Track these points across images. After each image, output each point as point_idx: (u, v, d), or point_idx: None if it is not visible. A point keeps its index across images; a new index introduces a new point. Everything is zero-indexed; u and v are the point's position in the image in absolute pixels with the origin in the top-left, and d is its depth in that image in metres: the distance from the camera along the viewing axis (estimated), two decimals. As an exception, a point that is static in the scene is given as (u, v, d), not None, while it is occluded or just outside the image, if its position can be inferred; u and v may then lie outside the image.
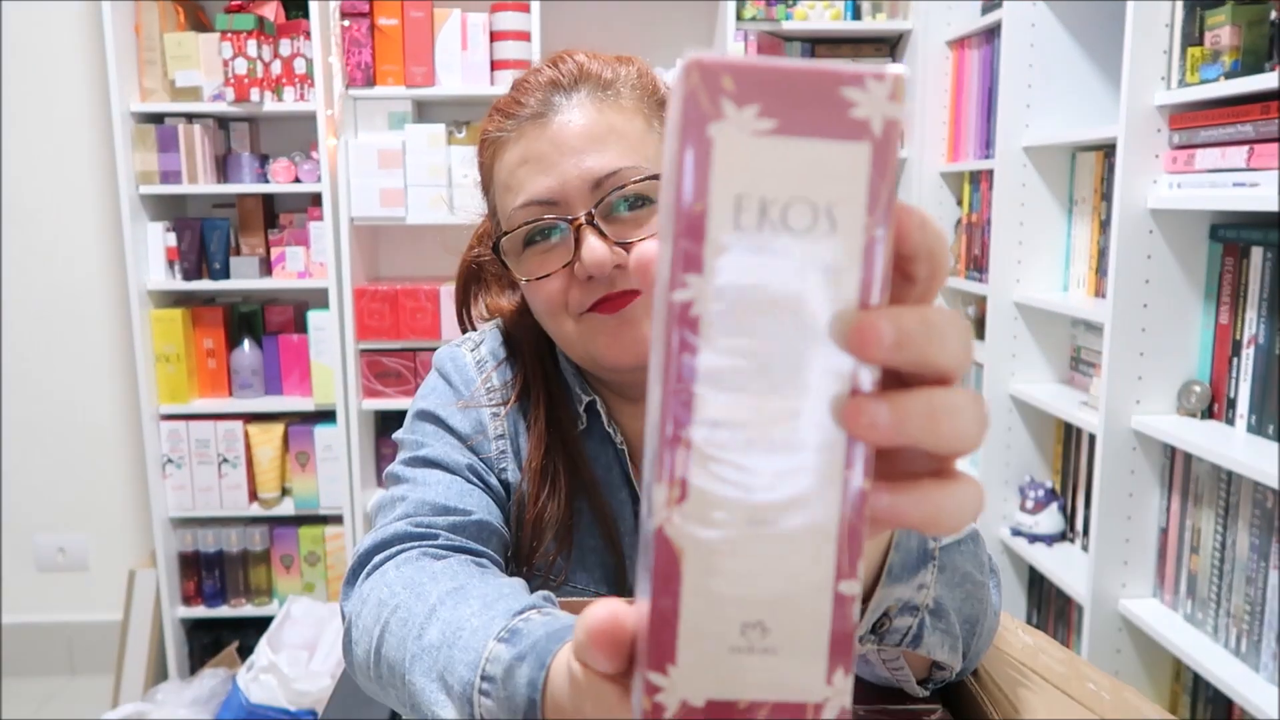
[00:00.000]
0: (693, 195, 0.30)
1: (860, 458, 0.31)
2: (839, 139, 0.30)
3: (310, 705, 2.03)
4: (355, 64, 2.22)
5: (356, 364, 2.29)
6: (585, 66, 0.77)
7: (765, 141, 0.30)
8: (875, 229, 0.31)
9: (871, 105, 0.30)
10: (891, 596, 0.53)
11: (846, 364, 0.31)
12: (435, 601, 0.62)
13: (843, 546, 0.32)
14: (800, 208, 0.31)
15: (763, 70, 0.30)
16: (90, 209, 2.44)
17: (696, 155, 0.30)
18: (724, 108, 0.30)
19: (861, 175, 0.30)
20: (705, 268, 0.31)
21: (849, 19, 2.39)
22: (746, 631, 0.32)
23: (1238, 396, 1.52)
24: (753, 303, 0.31)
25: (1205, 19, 1.49)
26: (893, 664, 0.59)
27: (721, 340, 0.31)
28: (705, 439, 0.31)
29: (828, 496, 0.31)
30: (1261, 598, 1.44)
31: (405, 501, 0.76)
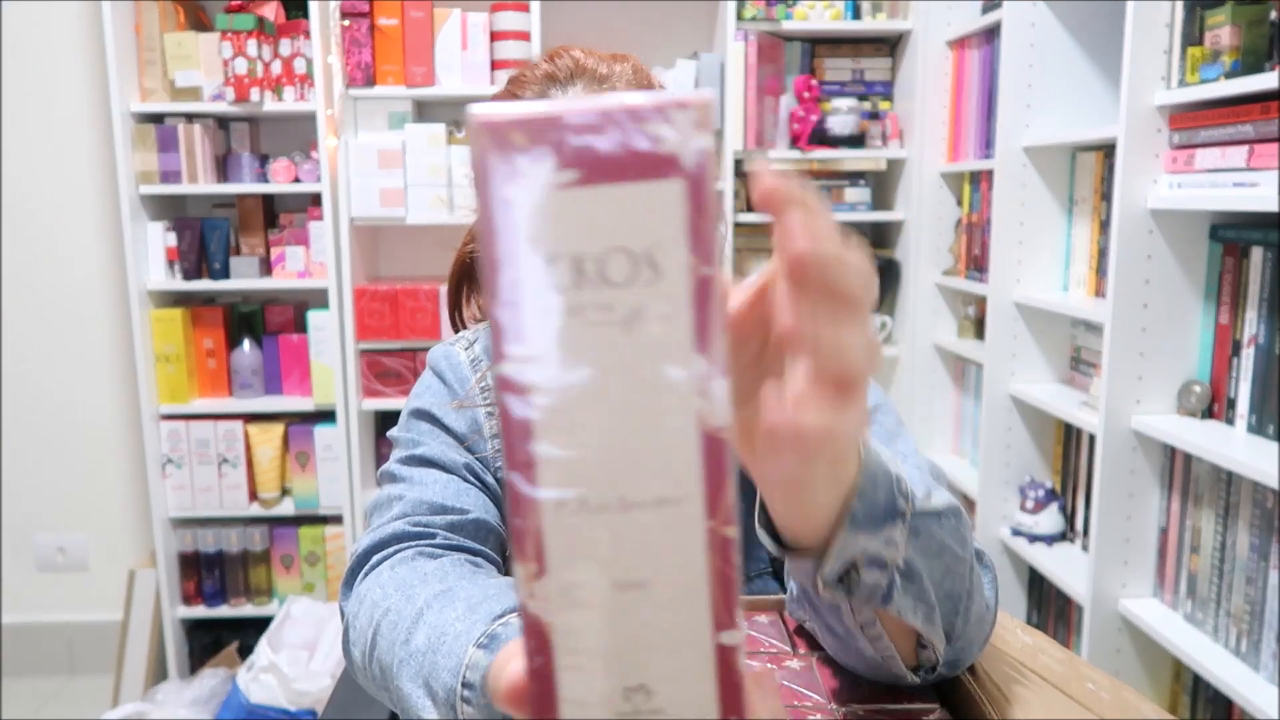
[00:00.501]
0: (503, 261, 0.29)
1: (722, 505, 0.30)
2: (648, 179, 0.28)
3: (310, 705, 2.03)
4: (355, 64, 2.22)
5: (356, 364, 2.29)
6: (581, 62, 0.78)
7: (569, 194, 0.28)
8: (701, 268, 0.29)
9: (679, 138, 0.28)
10: (856, 545, 0.49)
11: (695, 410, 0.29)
12: (423, 605, 0.63)
13: (716, 598, 0.31)
14: (618, 258, 0.29)
15: (553, 119, 0.28)
16: (90, 209, 2.44)
17: (499, 219, 0.28)
18: (519, 165, 0.28)
19: (678, 214, 0.28)
20: (527, 336, 0.29)
21: (849, 19, 2.39)
22: (630, 696, 0.31)
23: (1238, 396, 1.52)
24: (584, 365, 0.29)
25: (1205, 19, 1.49)
26: (871, 631, 0.57)
27: (556, 408, 0.29)
28: (555, 511, 0.30)
29: (692, 550, 0.30)
30: (1261, 598, 1.44)
31: (403, 500, 0.76)
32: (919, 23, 2.38)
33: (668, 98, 0.28)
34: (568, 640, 0.31)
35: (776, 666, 0.64)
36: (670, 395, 0.29)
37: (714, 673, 0.31)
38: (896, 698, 0.61)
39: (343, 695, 0.99)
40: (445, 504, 0.74)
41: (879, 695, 0.62)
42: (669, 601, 0.30)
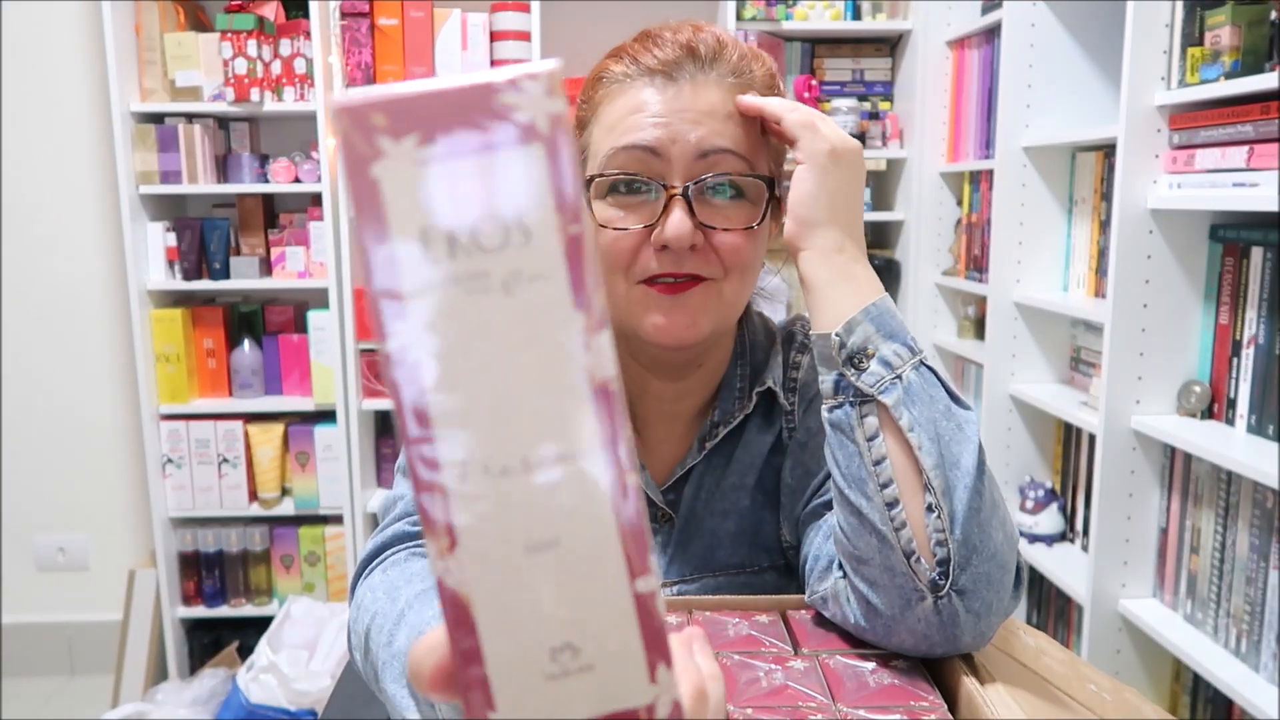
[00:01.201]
0: (376, 241, 0.29)
1: (621, 456, 0.31)
2: (508, 148, 0.29)
3: (310, 705, 2.03)
4: (355, 64, 2.22)
5: (356, 364, 2.29)
6: (725, 47, 0.75)
7: (434, 169, 0.29)
8: (570, 226, 0.30)
9: (532, 105, 0.29)
10: (867, 333, 0.66)
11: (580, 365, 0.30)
12: (404, 605, 0.63)
13: (628, 546, 0.31)
14: (488, 226, 0.30)
15: (412, 98, 0.29)
16: (90, 209, 2.44)
17: (368, 200, 0.29)
18: (381, 145, 0.29)
19: (541, 177, 0.30)
20: (409, 312, 0.30)
21: (849, 19, 2.39)
22: (557, 656, 0.31)
23: (1238, 396, 1.52)
24: (468, 334, 0.30)
25: (1205, 19, 1.49)
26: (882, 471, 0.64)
27: (446, 379, 0.30)
28: (458, 481, 0.30)
29: (598, 502, 0.31)
30: (1261, 598, 1.44)
31: (404, 500, 0.77)
32: (919, 23, 2.38)
33: (518, 70, 0.29)
34: (488, 609, 0.31)
35: (779, 666, 0.64)
36: (557, 353, 0.30)
37: (635, 620, 0.32)
38: (899, 698, 0.61)
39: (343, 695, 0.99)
40: None
41: (882, 695, 0.62)
42: (582, 557, 0.31)
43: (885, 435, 0.64)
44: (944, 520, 0.62)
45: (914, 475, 0.64)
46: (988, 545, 0.64)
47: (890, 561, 0.63)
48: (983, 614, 0.64)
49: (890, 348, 0.66)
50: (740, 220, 0.73)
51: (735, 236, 0.73)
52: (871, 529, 0.64)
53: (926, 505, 0.63)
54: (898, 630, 0.65)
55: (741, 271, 0.75)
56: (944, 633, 0.64)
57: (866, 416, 0.65)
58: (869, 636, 0.67)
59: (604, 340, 0.30)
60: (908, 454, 0.64)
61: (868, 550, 0.65)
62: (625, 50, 0.76)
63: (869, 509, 0.64)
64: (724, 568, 0.82)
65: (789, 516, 0.81)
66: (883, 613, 0.65)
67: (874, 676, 0.64)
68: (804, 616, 0.73)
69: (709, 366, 0.83)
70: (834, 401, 0.67)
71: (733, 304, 0.76)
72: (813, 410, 0.82)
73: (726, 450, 0.83)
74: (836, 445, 0.67)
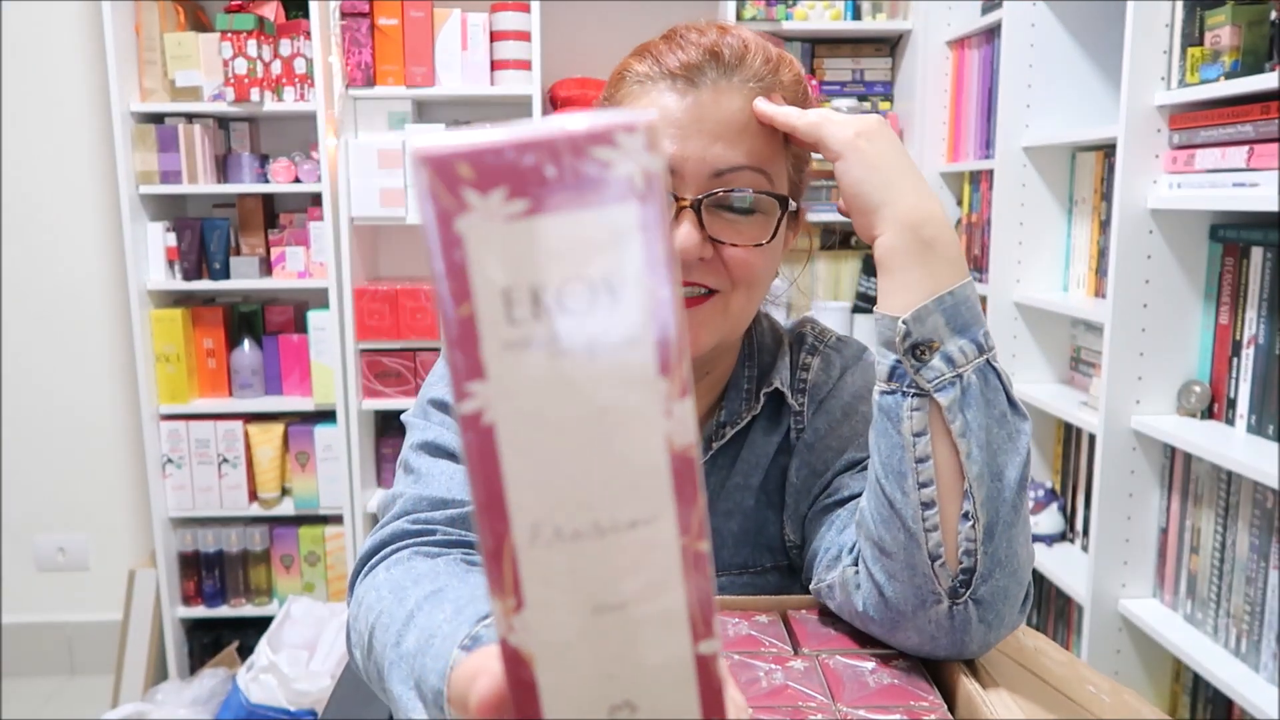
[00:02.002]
0: (457, 299, 0.28)
1: (694, 521, 0.30)
2: (600, 205, 0.28)
3: (310, 705, 2.03)
4: (355, 64, 2.22)
5: (356, 364, 2.29)
6: (750, 51, 0.74)
7: (521, 225, 0.28)
8: (659, 290, 0.29)
9: (628, 160, 0.28)
10: (936, 325, 0.64)
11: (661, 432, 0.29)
12: (413, 606, 0.63)
13: (694, 611, 0.31)
14: (575, 287, 0.28)
15: (500, 148, 0.27)
16: (90, 209, 2.44)
17: (451, 256, 0.28)
18: (467, 198, 0.27)
19: (633, 238, 0.28)
20: (487, 373, 0.28)
21: (849, 19, 2.39)
22: (615, 713, 0.32)
23: (1238, 396, 1.52)
24: (547, 396, 0.29)
25: (1205, 19, 1.49)
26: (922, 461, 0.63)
27: (522, 441, 0.29)
28: (529, 543, 0.30)
29: (668, 568, 0.30)
30: (1261, 598, 1.44)
31: (403, 498, 0.76)
32: (919, 23, 2.38)
33: (614, 120, 0.28)
34: (550, 668, 0.31)
35: (779, 666, 0.64)
36: (636, 419, 0.29)
37: (695, 682, 0.32)
38: (899, 698, 0.61)
39: (343, 695, 0.99)
40: (446, 498, 0.74)
41: (882, 695, 0.62)
42: (648, 619, 0.31)
43: (933, 434, 0.63)
44: (977, 531, 0.62)
45: (955, 480, 0.63)
46: (1013, 560, 0.64)
47: (914, 560, 0.63)
48: (994, 625, 0.64)
49: (957, 344, 0.64)
50: (751, 236, 0.72)
51: (745, 251, 0.72)
52: (901, 524, 0.64)
53: (963, 513, 0.63)
54: (905, 627, 0.65)
55: (750, 286, 0.74)
56: (952, 637, 0.64)
57: (916, 411, 0.63)
58: (874, 628, 0.67)
59: (686, 408, 0.30)
60: (953, 458, 0.63)
61: (893, 544, 0.64)
62: (649, 49, 0.75)
63: (903, 504, 0.64)
64: (727, 568, 0.82)
65: (793, 516, 0.81)
66: (895, 606, 0.65)
67: (874, 676, 0.64)
68: (804, 616, 0.73)
69: (715, 374, 0.83)
70: (887, 387, 0.65)
71: (739, 318, 0.76)
72: (822, 411, 0.82)
73: (732, 451, 0.83)
74: (880, 432, 0.65)
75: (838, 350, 0.85)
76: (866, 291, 2.52)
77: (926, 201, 0.67)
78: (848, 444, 0.79)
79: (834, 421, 0.81)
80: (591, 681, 0.31)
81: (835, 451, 0.79)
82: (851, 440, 0.79)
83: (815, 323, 0.88)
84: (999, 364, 0.66)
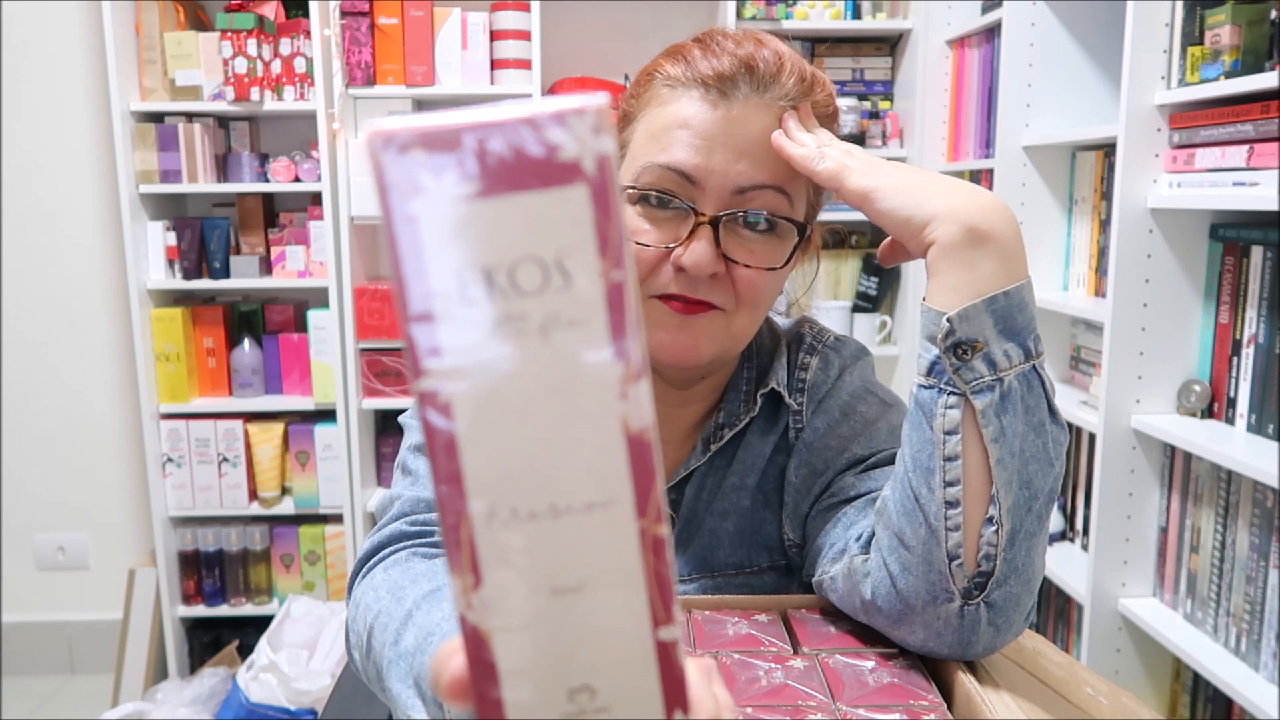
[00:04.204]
0: (413, 278, 0.29)
1: (651, 504, 0.30)
2: (552, 187, 0.28)
3: (310, 704, 2.03)
4: (355, 63, 2.22)
5: (356, 363, 2.29)
6: (785, 68, 0.73)
7: (474, 206, 0.28)
8: (612, 272, 0.29)
9: (578, 143, 0.28)
10: (983, 326, 0.61)
11: (616, 413, 0.29)
12: (411, 605, 0.63)
13: (653, 595, 0.31)
14: (528, 267, 0.29)
15: (453, 130, 0.28)
16: (90, 208, 2.44)
17: (405, 237, 0.28)
18: (421, 180, 0.28)
19: (584, 219, 0.28)
20: (443, 351, 0.29)
21: (849, 18, 2.39)
22: (575, 697, 0.32)
23: (1238, 396, 1.52)
24: (502, 376, 0.29)
25: (1205, 18, 1.49)
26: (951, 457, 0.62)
27: (478, 420, 0.29)
28: (485, 522, 0.30)
29: (626, 552, 0.30)
30: (1261, 597, 1.44)
31: (401, 500, 0.77)
32: (919, 22, 2.38)
33: (565, 104, 0.28)
34: (509, 647, 0.31)
35: (779, 665, 0.64)
36: (591, 400, 0.29)
37: (656, 668, 0.31)
38: (899, 697, 0.62)
39: (343, 694, 0.99)
40: None
41: (882, 694, 0.62)
42: (606, 603, 0.31)
43: (964, 435, 0.62)
44: (1000, 537, 0.62)
45: (983, 483, 0.62)
46: (1029, 569, 0.64)
47: (931, 556, 0.63)
48: (1002, 629, 0.64)
49: (1003, 347, 0.62)
50: (765, 258, 0.72)
51: (755, 273, 0.72)
52: (924, 519, 0.63)
53: (987, 517, 0.62)
54: (912, 621, 0.65)
55: (754, 306, 0.74)
56: (959, 637, 0.64)
57: (951, 409, 0.62)
58: (879, 620, 0.67)
59: (641, 390, 0.30)
60: (983, 460, 0.62)
61: (913, 537, 0.64)
62: (683, 51, 0.74)
63: (927, 499, 0.63)
64: (723, 568, 0.82)
65: (793, 515, 0.81)
66: (906, 598, 0.64)
67: (874, 675, 0.64)
68: (804, 616, 0.73)
69: (712, 381, 0.83)
70: (925, 381, 0.63)
71: (739, 336, 0.76)
72: (821, 410, 0.82)
73: (729, 451, 0.83)
74: (913, 425, 0.64)
75: (836, 350, 0.85)
76: (867, 291, 2.52)
77: (976, 197, 0.64)
78: (848, 443, 0.79)
79: (833, 421, 0.81)
80: (550, 664, 0.31)
81: (835, 451, 0.79)
82: (852, 439, 0.79)
83: (813, 322, 0.88)
84: (1045, 372, 0.64)
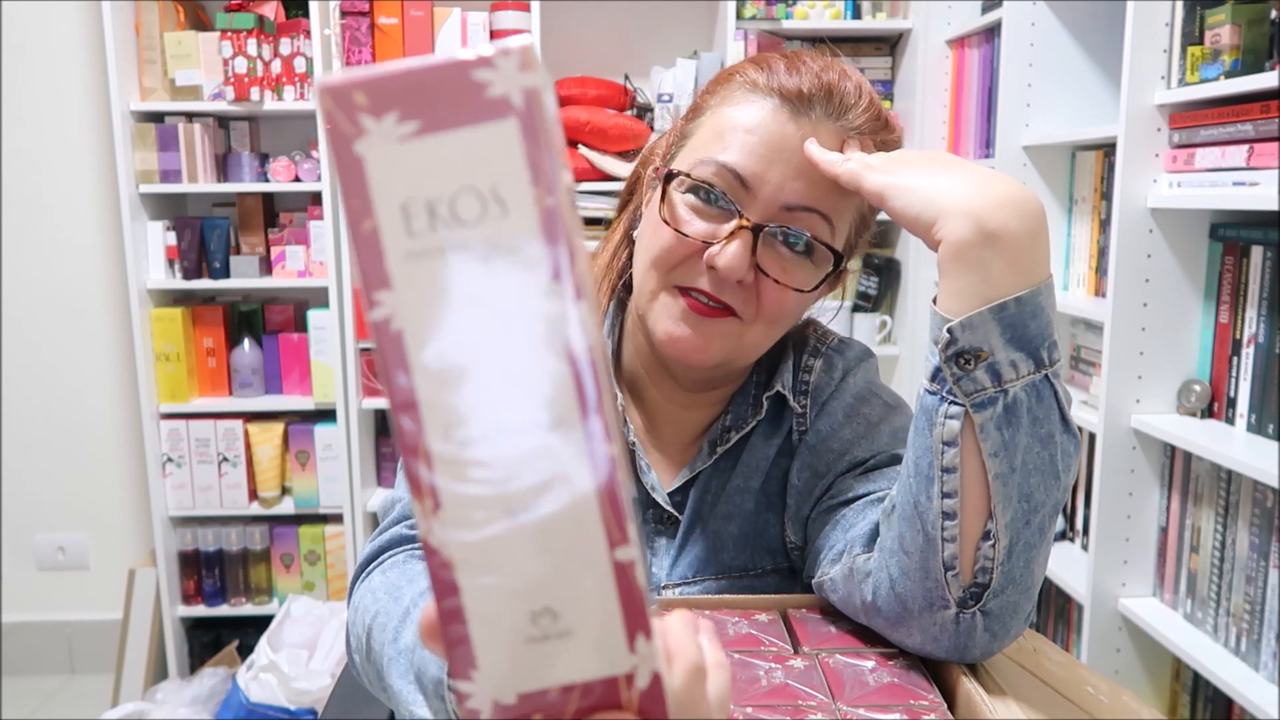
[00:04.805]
0: (360, 216, 0.31)
1: (599, 425, 0.31)
2: (483, 122, 0.30)
3: (310, 704, 2.03)
4: (355, 63, 2.22)
5: (357, 363, 2.29)
6: (861, 101, 0.73)
7: (413, 145, 0.30)
8: (546, 199, 0.30)
9: (506, 81, 0.30)
10: (988, 335, 0.58)
11: (559, 334, 0.31)
12: (409, 603, 0.64)
13: (606, 514, 0.32)
14: (467, 199, 0.31)
15: (392, 77, 0.30)
16: (90, 208, 2.44)
17: (352, 176, 0.30)
18: (363, 123, 0.30)
19: (515, 150, 0.30)
20: (392, 282, 0.31)
21: (849, 18, 2.39)
22: (538, 620, 0.32)
23: (1238, 396, 1.52)
24: (448, 304, 0.31)
25: (1205, 18, 1.49)
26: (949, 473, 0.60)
27: (429, 346, 0.31)
28: (442, 444, 0.31)
29: (577, 469, 0.31)
30: (1261, 597, 1.44)
31: (402, 503, 0.77)
32: (919, 22, 2.37)
33: (493, 46, 0.30)
34: (470, 570, 0.32)
35: (779, 665, 0.64)
36: (534, 323, 0.31)
37: (615, 589, 0.32)
38: (899, 696, 0.62)
39: (343, 694, 0.99)
40: None
41: (882, 694, 0.62)
42: (561, 523, 0.32)
43: (963, 447, 0.60)
44: (997, 551, 0.61)
45: (981, 497, 0.61)
46: (1027, 578, 0.63)
47: (929, 564, 0.62)
48: (999, 635, 0.64)
49: (1010, 356, 0.59)
50: (796, 279, 0.73)
51: (783, 291, 0.72)
52: (921, 527, 0.62)
53: (985, 532, 0.61)
54: (909, 624, 0.65)
55: (772, 323, 0.75)
56: (955, 642, 0.64)
57: (950, 419, 0.60)
58: (877, 621, 0.67)
59: (583, 310, 0.31)
60: (981, 475, 0.60)
61: (912, 543, 0.63)
62: (768, 62, 0.75)
63: (925, 507, 0.62)
64: (727, 570, 0.82)
65: (794, 518, 0.81)
66: (904, 601, 0.64)
67: (874, 675, 0.64)
68: (804, 615, 0.73)
69: (722, 390, 0.84)
70: (929, 386, 0.61)
71: (750, 349, 0.76)
72: (824, 413, 0.82)
73: (734, 454, 0.83)
74: (917, 429, 0.63)
75: (840, 352, 0.85)
76: (867, 291, 2.52)
77: (986, 190, 0.60)
78: (850, 446, 0.79)
79: (836, 424, 0.81)
80: (510, 586, 0.32)
81: (837, 454, 0.79)
82: (854, 443, 0.79)
83: (818, 325, 0.89)
84: (1059, 381, 0.61)
